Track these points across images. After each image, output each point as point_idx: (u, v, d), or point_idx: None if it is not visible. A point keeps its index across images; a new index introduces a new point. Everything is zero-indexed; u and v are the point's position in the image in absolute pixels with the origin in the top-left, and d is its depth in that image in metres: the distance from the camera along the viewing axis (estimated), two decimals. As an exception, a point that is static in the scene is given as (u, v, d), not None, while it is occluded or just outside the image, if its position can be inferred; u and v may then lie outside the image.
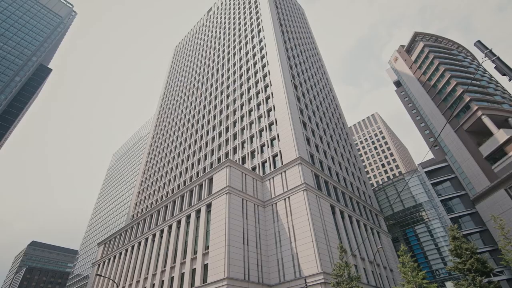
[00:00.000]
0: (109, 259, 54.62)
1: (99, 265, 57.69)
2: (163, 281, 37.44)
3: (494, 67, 12.25)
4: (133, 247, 48.80)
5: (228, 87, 64.94)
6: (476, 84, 58.83)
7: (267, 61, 57.21)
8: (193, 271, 33.65)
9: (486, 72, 68.81)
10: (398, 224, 57.71)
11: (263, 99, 52.26)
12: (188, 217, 39.87)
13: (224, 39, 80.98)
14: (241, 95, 58.87)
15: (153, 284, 38.85)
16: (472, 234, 48.28)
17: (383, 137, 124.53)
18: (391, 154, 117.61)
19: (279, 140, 44.08)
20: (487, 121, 49.80)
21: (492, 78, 67.11)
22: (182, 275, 34.98)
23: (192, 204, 40.35)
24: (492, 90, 58.69)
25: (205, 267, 32.22)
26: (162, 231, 43.46)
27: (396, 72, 78.50)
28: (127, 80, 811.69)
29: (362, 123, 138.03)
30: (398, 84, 79.30)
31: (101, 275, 33.95)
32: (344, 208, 42.11)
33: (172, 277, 36.21)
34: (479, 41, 13.24)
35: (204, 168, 55.59)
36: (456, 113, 55.85)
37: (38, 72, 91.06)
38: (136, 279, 42.76)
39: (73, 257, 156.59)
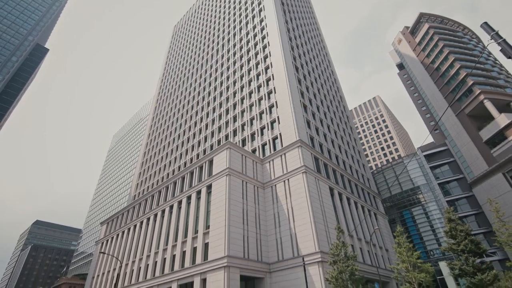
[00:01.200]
0: (112, 238, 56.05)
1: (102, 243, 59.26)
2: (165, 258, 38.63)
3: (500, 50, 12.05)
4: (135, 226, 49.94)
5: (228, 68, 64.02)
6: (480, 67, 57.95)
7: (268, 42, 56.06)
8: (194, 250, 34.65)
9: (491, 55, 67.62)
10: (395, 206, 58.76)
11: (263, 81, 51.68)
12: (189, 197, 40.54)
13: (224, 18, 78.92)
14: (241, 77, 58.15)
15: (155, 262, 40.10)
16: (467, 217, 49.27)
17: (384, 121, 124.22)
18: (391, 138, 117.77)
19: (279, 123, 44.02)
20: (489, 105, 49.50)
21: (497, 62, 66.05)
22: (184, 253, 36.04)
23: (193, 185, 40.92)
24: (495, 73, 57.91)
25: (206, 245, 33.13)
26: (163, 211, 44.33)
27: (400, 55, 77.12)
28: (126, 60, 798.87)
29: (363, 106, 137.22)
30: (401, 66, 78.14)
31: (105, 253, 35.04)
32: (342, 190, 42.72)
33: (174, 255, 37.32)
34: (485, 23, 12.95)
35: (204, 150, 55.86)
36: (458, 97, 55.39)
37: (35, 52, 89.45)
38: (139, 257, 44.07)
39: (76, 236, 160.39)
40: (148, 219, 47.14)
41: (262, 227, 35.76)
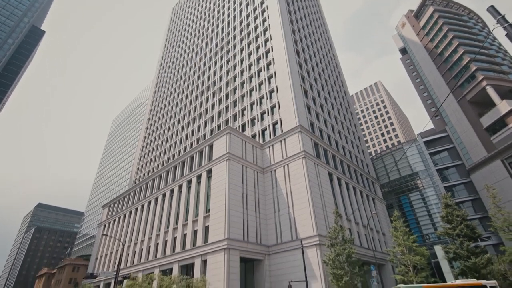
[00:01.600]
0: (114, 220, 57.03)
1: (104, 225, 60.35)
2: (166, 241, 39.47)
3: (506, 35, 11.86)
4: (136, 209, 50.70)
5: (228, 52, 62.99)
6: (484, 53, 57.02)
7: (269, 25, 54.89)
8: (195, 232, 35.35)
9: (496, 41, 66.35)
10: (393, 191, 59.43)
11: (264, 66, 50.99)
12: (189, 182, 40.93)
13: (224, 0, 76.87)
14: (241, 61, 57.31)
15: (157, 244, 41.00)
16: (464, 202, 49.92)
17: (385, 107, 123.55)
18: (391, 124, 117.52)
19: (279, 108, 43.81)
20: (491, 91, 49.07)
21: (501, 47, 64.90)
22: (185, 236, 36.78)
23: (193, 170, 41.23)
24: (499, 59, 57.03)
25: (206, 228, 33.77)
26: (164, 195, 44.87)
27: (403, 39, 75.68)
28: (123, 43, 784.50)
29: (364, 91, 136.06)
30: (403, 51, 76.84)
31: (107, 235, 35.76)
32: (341, 176, 43.08)
33: (175, 238, 38.11)
34: (492, 6, 12.67)
35: (204, 135, 55.87)
36: (461, 83, 54.83)
37: (31, 34, 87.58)
38: (141, 239, 45.02)
39: (79, 218, 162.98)
40: (149, 202, 47.81)
41: (262, 211, 36.33)
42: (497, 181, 43.92)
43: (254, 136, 45.78)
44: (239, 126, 49.06)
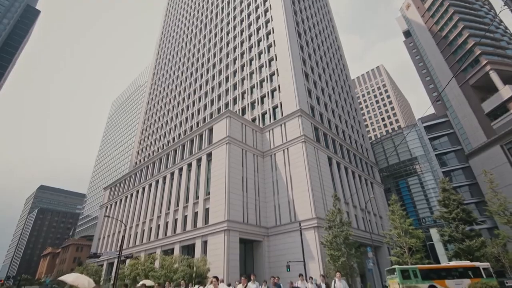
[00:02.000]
0: (116, 202, 57.90)
1: (106, 207, 61.32)
2: (167, 222, 40.25)
3: None
4: (137, 191, 51.35)
5: (228, 33, 61.64)
6: (489, 36, 55.83)
7: (270, 6, 53.41)
8: (195, 214, 36.00)
9: (502, 24, 64.78)
10: (391, 175, 59.97)
11: (264, 48, 50.07)
12: (189, 165, 41.23)
13: (224, -22, 74.28)
14: (242, 42, 56.20)
15: (158, 225, 41.84)
16: (461, 187, 50.50)
17: (386, 91, 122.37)
18: (392, 108, 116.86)
19: (280, 92, 43.43)
20: (494, 76, 48.48)
21: (507, 31, 63.44)
22: (185, 217, 37.47)
23: (193, 153, 41.44)
24: (505, 43, 55.94)
25: (207, 211, 34.36)
26: (164, 178, 45.32)
27: (407, 21, 73.89)
28: (122, 22, 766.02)
29: (365, 75, 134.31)
30: (407, 34, 75.20)
31: (109, 216, 36.45)
32: (340, 160, 43.34)
33: (176, 219, 38.85)
34: (499, -14, 12.27)
35: (204, 119, 55.69)
36: (464, 67, 54.07)
37: (26, 14, 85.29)
38: (142, 220, 45.89)
39: (81, 200, 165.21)
40: (150, 185, 48.35)
41: (261, 194, 36.83)
42: (495, 166, 44.21)
43: (254, 119, 45.65)
44: (239, 109, 48.81)
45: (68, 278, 6.57)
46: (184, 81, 69.08)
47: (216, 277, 6.88)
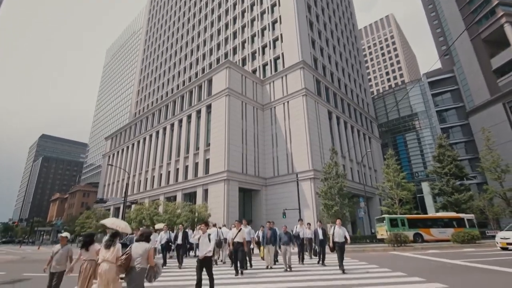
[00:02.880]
0: (118, 152, 59.12)
1: (109, 156, 62.79)
2: (169, 171, 41.63)
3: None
4: (138, 142, 52.11)
5: (228, -26, 56.50)
6: (511, -17, 51.36)
7: None
8: (196, 164, 37.08)
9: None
10: (390, 131, 60.41)
11: (267, -9, 46.38)
12: (189, 116, 41.20)
13: None
14: (243, -15, 51.84)
15: (161, 174, 43.35)
16: (457, 144, 51.22)
17: (393, 43, 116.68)
18: (398, 62, 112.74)
19: (282, 41, 41.46)
20: (508, 29, 45.76)
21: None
22: (186, 167, 38.66)
23: (192, 105, 41.10)
24: (527, -9, 51.70)
25: (207, 161, 35.32)
26: (164, 129, 45.63)
27: (424, -37, 67.30)
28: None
29: (373, 25, 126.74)
30: (423, -22, 69.06)
31: (112, 165, 37.51)
32: (340, 114, 43.22)
33: (177, 169, 40.12)
34: None
35: (203, 69, 54.04)
36: (478, 19, 50.79)
37: None
38: (145, 169, 47.40)
39: (83, 149, 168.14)
40: (151, 135, 48.88)
41: (260, 146, 37.51)
42: (494, 124, 44.27)
43: (254, 71, 44.36)
44: (239, 60, 47.11)
45: (107, 221, 7.39)
46: (181, 27, 65.39)
47: (205, 223, 6.96)
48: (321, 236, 12.34)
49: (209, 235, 6.77)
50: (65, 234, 6.79)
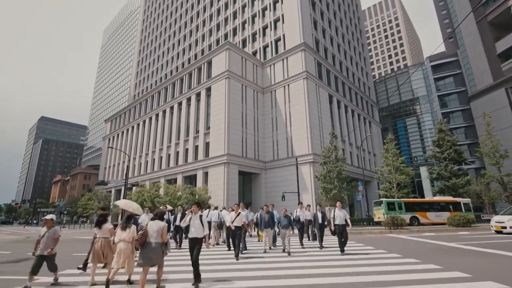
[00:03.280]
0: (118, 134, 59.08)
1: (109, 139, 62.80)
2: (169, 154, 41.79)
3: None
4: (138, 124, 51.96)
5: (228, -50, 54.30)
6: (522, -39, 49.49)
7: None
8: (196, 148, 37.17)
9: None
10: (390, 115, 60.15)
11: (269, -31, 44.74)
12: (189, 99, 40.87)
13: None
14: (244, -38, 49.93)
15: (161, 157, 43.53)
16: (457, 129, 51.16)
17: (397, 25, 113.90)
18: (401, 45, 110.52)
19: (283, 22, 40.47)
20: (516, 11, 44.61)
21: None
22: (186, 150, 38.78)
23: (192, 88, 40.67)
24: (537, -29, 49.92)
25: (207, 144, 35.38)
26: (164, 112, 45.37)
27: None
28: None
29: (378, 6, 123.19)
30: (430, -44, 66.56)
31: (113, 147, 37.59)
32: (341, 98, 42.87)
33: (178, 152, 40.26)
34: None
35: (203, 50, 53.06)
36: (485, 0, 49.38)
37: None
38: (145, 152, 47.55)
39: (83, 132, 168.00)
40: (150, 118, 48.68)
41: (260, 130, 37.46)
42: (495, 109, 44.02)
43: (254, 53, 43.57)
44: (239, 41, 46.16)
45: (121, 203, 7.86)
46: (179, 7, 63.60)
47: (197, 203, 6.65)
48: (320, 220, 12.22)
49: (200, 216, 6.46)
50: (50, 216, 6.60)
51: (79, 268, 7.61)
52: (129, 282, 6.12)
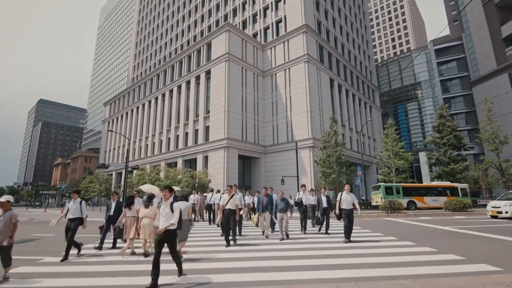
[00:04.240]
0: (117, 118, 58.84)
1: (109, 122, 62.60)
2: (169, 138, 41.80)
3: None
4: (137, 108, 51.65)
5: None
6: None
7: None
8: (196, 131, 37.12)
9: None
10: (391, 100, 59.69)
11: None
12: (188, 82, 40.41)
13: None
14: None
15: (161, 140, 43.57)
16: (458, 114, 50.87)
17: (402, 7, 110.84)
18: (405, 28, 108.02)
19: (284, 3, 39.39)
20: (525, -8, 43.35)
21: None
22: (186, 134, 38.76)
23: (191, 70, 40.11)
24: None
25: (207, 128, 35.32)
26: (163, 95, 44.99)
27: None
28: None
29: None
30: None
31: (112, 131, 37.55)
32: (342, 82, 42.41)
33: (178, 135, 40.25)
34: None
35: (202, 32, 51.93)
36: (494, -20, 47.82)
37: None
38: (145, 135, 47.55)
39: (82, 115, 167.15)
40: (150, 102, 48.33)
41: (260, 114, 37.29)
42: (497, 95, 43.65)
43: (255, 35, 42.66)
44: (239, 23, 45.10)
45: (145, 187, 9.35)
46: (178, -14, 61.61)
47: (168, 188, 5.59)
48: (325, 204, 11.58)
49: (171, 203, 5.29)
50: (3, 198, 5.30)
51: (96, 248, 8.07)
52: (145, 255, 7.00)
